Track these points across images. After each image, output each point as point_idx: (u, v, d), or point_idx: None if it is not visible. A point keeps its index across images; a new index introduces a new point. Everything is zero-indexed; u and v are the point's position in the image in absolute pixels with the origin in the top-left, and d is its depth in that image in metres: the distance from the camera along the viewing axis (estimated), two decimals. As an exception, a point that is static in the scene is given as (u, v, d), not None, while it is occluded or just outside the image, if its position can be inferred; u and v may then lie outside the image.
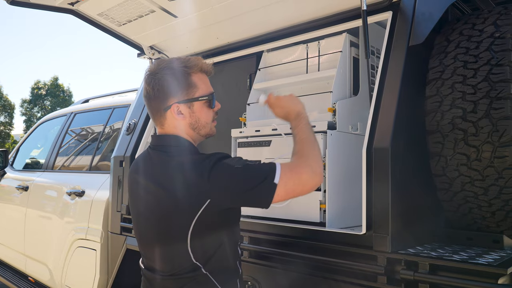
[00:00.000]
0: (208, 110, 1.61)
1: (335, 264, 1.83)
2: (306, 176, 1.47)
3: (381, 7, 1.96)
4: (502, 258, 1.59)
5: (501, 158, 1.65)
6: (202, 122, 1.60)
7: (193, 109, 1.57)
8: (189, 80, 1.56)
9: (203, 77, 1.61)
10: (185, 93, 1.55)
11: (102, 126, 4.02)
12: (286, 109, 1.73)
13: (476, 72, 1.71)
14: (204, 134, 1.64)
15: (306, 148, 1.56)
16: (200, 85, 1.58)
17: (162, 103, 1.55)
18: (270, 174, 1.44)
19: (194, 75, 1.57)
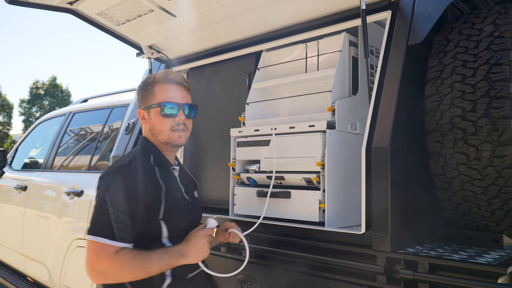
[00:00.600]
0: (161, 118, 1.69)
1: (334, 264, 1.83)
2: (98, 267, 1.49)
3: (380, 6, 1.96)
4: (502, 258, 1.59)
5: (501, 157, 1.65)
6: (157, 129, 1.71)
7: (150, 115, 1.72)
8: (150, 90, 1.72)
9: (165, 87, 1.72)
10: (146, 100, 1.73)
11: (101, 125, 4.01)
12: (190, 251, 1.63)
13: (475, 71, 1.71)
14: (161, 140, 1.72)
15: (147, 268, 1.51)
16: (159, 94, 1.71)
17: (137, 108, 1.79)
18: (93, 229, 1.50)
19: (156, 85, 1.72)
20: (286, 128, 2.13)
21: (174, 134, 1.70)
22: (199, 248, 1.60)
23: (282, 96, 2.38)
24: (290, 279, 2.00)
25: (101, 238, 1.46)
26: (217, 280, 2.38)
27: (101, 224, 1.49)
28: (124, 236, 1.49)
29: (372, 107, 1.83)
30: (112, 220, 1.48)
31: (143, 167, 1.61)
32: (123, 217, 1.49)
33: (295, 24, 2.28)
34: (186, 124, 1.73)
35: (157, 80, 1.72)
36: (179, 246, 1.59)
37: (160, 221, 1.59)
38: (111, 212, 1.48)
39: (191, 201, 1.78)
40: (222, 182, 2.49)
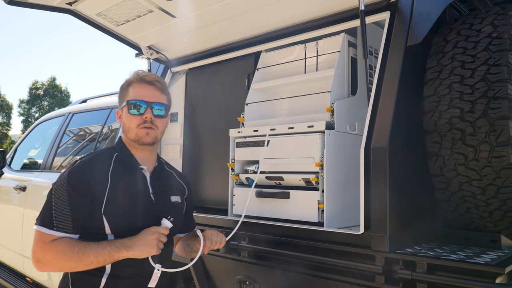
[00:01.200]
0: (129, 116, 1.71)
1: (333, 264, 1.83)
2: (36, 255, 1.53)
3: (379, 7, 1.97)
4: (500, 258, 1.60)
5: (499, 157, 1.65)
6: (126, 126, 1.74)
7: (123, 113, 1.75)
8: (125, 90, 1.76)
9: (138, 87, 1.74)
10: (120, 100, 1.77)
11: (100, 126, 4.01)
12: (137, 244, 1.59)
13: (473, 72, 1.71)
14: (130, 138, 1.73)
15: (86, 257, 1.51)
16: (131, 93, 1.73)
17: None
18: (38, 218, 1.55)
19: (131, 85, 1.75)
20: (285, 129, 2.13)
21: (141, 131, 1.70)
22: (145, 242, 1.56)
23: (281, 97, 2.39)
24: (289, 279, 2.00)
25: (41, 227, 1.52)
26: (215, 280, 2.38)
27: (44, 215, 1.54)
28: (62, 226, 1.52)
29: (371, 108, 1.83)
30: (53, 211, 1.53)
31: (95, 162, 1.65)
32: (63, 208, 1.53)
33: (294, 25, 2.28)
34: (154, 123, 1.71)
35: (131, 80, 1.76)
36: (125, 239, 1.57)
37: (102, 216, 1.58)
38: (53, 203, 1.54)
39: (156, 203, 1.70)
40: (221, 183, 2.49)
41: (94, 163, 1.65)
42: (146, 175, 1.73)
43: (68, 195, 1.54)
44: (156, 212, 1.68)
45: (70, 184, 1.56)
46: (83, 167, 1.62)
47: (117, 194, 1.61)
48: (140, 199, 1.68)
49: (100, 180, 1.60)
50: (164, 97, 1.77)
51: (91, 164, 1.65)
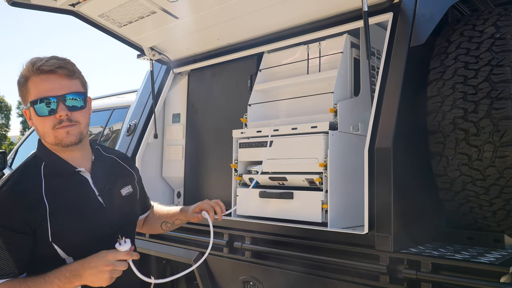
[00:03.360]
0: (40, 118, 1.41)
1: (337, 264, 1.84)
2: None
3: (381, 8, 1.98)
4: (504, 257, 1.61)
5: (502, 157, 1.66)
6: (40, 131, 1.44)
7: (31, 116, 1.43)
8: (25, 86, 1.42)
9: (39, 81, 1.41)
10: (25, 99, 1.44)
11: (102, 127, 4.01)
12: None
13: (477, 73, 1.72)
14: (49, 142, 1.44)
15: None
16: (32, 90, 1.40)
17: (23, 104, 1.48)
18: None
19: (30, 80, 1.41)
20: (289, 129, 2.14)
21: (60, 132, 1.41)
22: (97, 273, 1.31)
23: (284, 98, 2.39)
24: (292, 280, 2.01)
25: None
26: (218, 281, 2.39)
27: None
28: (5, 272, 1.31)
29: (375, 108, 1.84)
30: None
31: (21, 186, 1.36)
32: (0, 253, 1.30)
33: (297, 26, 2.29)
34: (73, 118, 1.42)
35: (27, 74, 1.40)
36: (75, 264, 1.34)
37: (52, 244, 1.35)
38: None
39: (106, 205, 1.48)
40: (224, 183, 2.49)
41: (19, 188, 1.35)
42: (86, 176, 1.48)
43: (1, 237, 1.29)
44: (109, 216, 1.48)
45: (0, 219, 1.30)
46: (7, 199, 1.33)
47: (61, 215, 1.37)
48: (89, 208, 1.45)
49: (35, 206, 1.34)
50: (75, 83, 1.45)
51: (16, 190, 1.35)
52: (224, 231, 2.27)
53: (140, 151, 2.89)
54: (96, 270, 1.31)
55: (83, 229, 1.41)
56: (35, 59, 1.42)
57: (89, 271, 1.31)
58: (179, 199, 3.02)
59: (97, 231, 1.44)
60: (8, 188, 1.34)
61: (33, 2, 2.40)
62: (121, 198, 1.57)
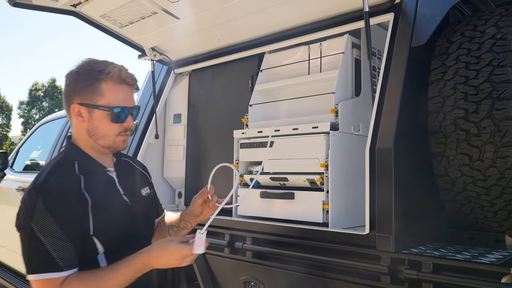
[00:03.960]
0: (110, 123, 1.48)
1: (338, 264, 1.84)
2: None
3: (383, 8, 1.98)
4: (505, 258, 1.61)
5: (503, 158, 1.66)
6: (101, 132, 1.48)
7: (92, 115, 1.47)
8: (96, 85, 1.46)
9: (116, 88, 1.48)
10: (88, 96, 1.46)
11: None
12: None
13: (478, 73, 1.72)
14: (103, 145, 1.51)
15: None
16: (107, 94, 1.46)
17: (67, 101, 1.51)
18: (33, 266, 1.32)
19: (104, 82, 1.46)
20: (290, 130, 2.14)
21: (119, 139, 1.51)
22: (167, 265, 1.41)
23: (285, 98, 2.40)
24: (293, 280, 2.01)
25: (46, 274, 1.30)
26: (220, 281, 2.39)
27: (39, 259, 1.31)
28: (69, 263, 1.33)
29: (376, 109, 1.84)
30: (50, 251, 1.30)
31: (63, 180, 1.40)
32: (61, 243, 1.31)
33: (298, 26, 2.29)
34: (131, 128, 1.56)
35: (108, 77, 1.46)
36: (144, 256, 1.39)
37: (92, 238, 1.39)
38: (45, 242, 1.30)
39: (132, 204, 1.55)
40: (225, 184, 2.49)
41: (65, 181, 1.40)
42: (113, 176, 1.56)
43: (59, 226, 1.31)
44: (134, 215, 1.55)
45: (54, 213, 1.32)
46: (56, 189, 1.36)
47: (100, 209, 1.42)
48: (119, 206, 1.52)
49: (79, 199, 1.39)
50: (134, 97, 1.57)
51: (62, 183, 1.39)
52: (225, 231, 2.27)
53: (141, 151, 2.89)
54: (168, 263, 1.41)
55: (118, 225, 1.49)
56: (113, 65, 1.49)
57: (161, 264, 1.40)
58: (180, 199, 3.02)
59: (128, 228, 1.52)
60: (54, 182, 1.38)
61: (35, 2, 2.40)
62: (142, 198, 1.65)
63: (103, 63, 1.50)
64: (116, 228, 1.48)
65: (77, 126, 1.51)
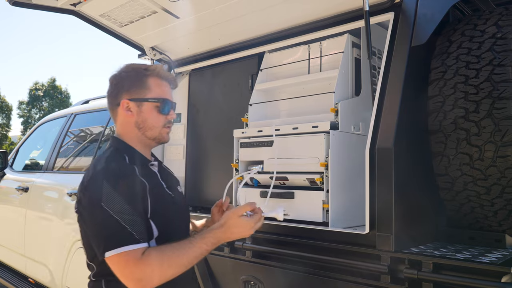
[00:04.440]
0: (157, 115, 1.63)
1: (338, 264, 1.84)
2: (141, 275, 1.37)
3: (383, 8, 1.98)
4: (505, 257, 1.61)
5: (504, 157, 1.66)
6: (149, 124, 1.62)
7: (141, 108, 1.61)
8: (143, 81, 1.61)
9: (160, 83, 1.64)
10: (136, 91, 1.61)
11: (103, 127, 4.02)
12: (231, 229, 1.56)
13: (478, 72, 1.72)
14: (150, 136, 1.64)
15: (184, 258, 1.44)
16: (154, 88, 1.62)
17: (115, 99, 1.63)
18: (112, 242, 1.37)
19: (150, 78, 1.62)
20: (290, 129, 2.14)
21: (164, 131, 1.66)
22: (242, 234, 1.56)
23: (285, 97, 2.40)
24: (293, 279, 2.01)
25: (125, 247, 1.36)
26: (219, 280, 2.39)
27: (115, 234, 1.37)
28: (143, 236, 1.41)
29: (376, 108, 1.84)
30: (125, 225, 1.37)
31: (122, 165, 1.52)
32: (132, 218, 1.39)
33: (298, 26, 2.29)
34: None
35: (153, 73, 1.63)
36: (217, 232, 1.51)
37: (150, 221, 1.49)
38: (118, 218, 1.38)
39: (174, 196, 1.67)
40: (225, 183, 2.49)
41: (124, 166, 1.51)
42: (155, 170, 1.67)
43: (128, 203, 1.40)
44: (179, 206, 1.68)
45: (121, 192, 1.41)
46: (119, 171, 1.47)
47: (155, 196, 1.53)
48: (168, 196, 1.64)
49: (140, 182, 1.50)
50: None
51: (122, 167, 1.50)
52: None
53: (141, 150, 2.89)
54: (241, 235, 1.57)
55: (169, 212, 1.59)
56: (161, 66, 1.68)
57: (235, 236, 1.55)
58: (180, 199, 3.02)
59: (175, 217, 1.64)
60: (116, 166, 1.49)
61: (35, 2, 2.41)
62: (180, 194, 1.77)
63: (144, 64, 1.67)
64: (168, 215, 1.58)
65: (124, 121, 1.63)
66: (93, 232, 1.45)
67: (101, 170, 1.47)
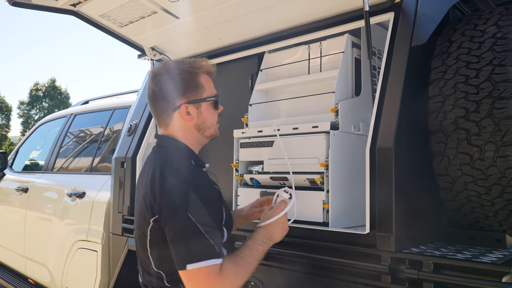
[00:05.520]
0: (214, 112, 1.63)
1: (339, 264, 1.84)
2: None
3: (383, 8, 1.97)
4: (506, 257, 1.61)
5: (504, 157, 1.66)
6: (208, 123, 1.61)
7: (200, 110, 1.58)
8: (197, 81, 1.58)
9: (208, 79, 1.63)
10: (194, 93, 1.56)
11: (102, 127, 4.02)
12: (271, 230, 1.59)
13: (478, 72, 1.72)
14: (208, 135, 1.65)
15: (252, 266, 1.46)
16: (207, 86, 1.60)
17: (169, 104, 1.56)
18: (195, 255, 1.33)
19: (201, 76, 1.59)
20: (290, 129, 2.14)
21: (217, 126, 1.67)
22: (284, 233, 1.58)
23: (285, 97, 2.39)
24: (294, 280, 2.01)
25: (208, 261, 1.33)
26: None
27: (200, 247, 1.33)
28: (221, 249, 1.39)
29: (376, 108, 1.84)
30: (208, 238, 1.34)
31: (201, 173, 1.49)
32: (214, 230, 1.37)
33: (297, 26, 2.29)
34: None
35: (203, 70, 1.59)
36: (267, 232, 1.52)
37: (223, 227, 1.47)
38: (202, 230, 1.33)
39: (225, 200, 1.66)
40: (225, 183, 2.49)
41: (203, 174, 1.49)
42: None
43: (211, 215, 1.38)
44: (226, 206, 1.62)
45: (207, 204, 1.37)
46: (203, 181, 1.45)
47: (223, 201, 1.53)
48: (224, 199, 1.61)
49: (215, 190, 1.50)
50: None
51: (202, 175, 1.49)
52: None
53: (141, 151, 2.89)
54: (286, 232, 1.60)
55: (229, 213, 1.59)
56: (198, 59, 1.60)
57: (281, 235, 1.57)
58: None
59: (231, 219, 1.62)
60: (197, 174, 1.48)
61: (34, 2, 2.40)
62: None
63: (188, 61, 1.61)
64: (230, 218, 1.58)
65: (183, 125, 1.58)
66: (175, 241, 1.37)
67: (181, 177, 1.42)
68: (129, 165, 2.89)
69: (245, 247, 1.48)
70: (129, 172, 2.89)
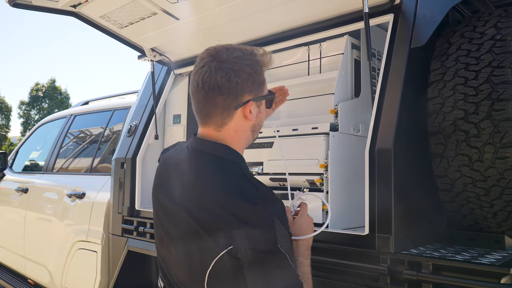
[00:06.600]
0: (268, 111, 1.42)
1: (338, 265, 1.84)
2: None
3: (382, 9, 1.98)
4: (504, 258, 1.61)
5: (503, 159, 1.66)
6: (261, 124, 1.39)
7: (260, 108, 1.34)
8: (263, 74, 1.31)
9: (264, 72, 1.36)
10: (259, 89, 1.30)
11: (102, 128, 4.02)
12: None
13: (477, 74, 1.72)
14: (255, 138, 1.42)
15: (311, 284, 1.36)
16: (266, 81, 1.36)
17: (234, 100, 1.26)
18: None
19: (262, 69, 1.32)
20: (289, 130, 2.14)
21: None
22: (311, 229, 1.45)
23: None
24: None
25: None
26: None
27: (293, 280, 1.20)
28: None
29: (375, 110, 1.84)
30: (294, 268, 1.22)
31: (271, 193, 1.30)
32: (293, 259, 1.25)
33: (297, 27, 2.29)
34: None
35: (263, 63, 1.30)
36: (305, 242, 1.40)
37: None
38: (290, 261, 1.20)
39: None
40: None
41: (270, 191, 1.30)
42: None
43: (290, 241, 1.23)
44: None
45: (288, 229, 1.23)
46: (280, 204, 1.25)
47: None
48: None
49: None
50: None
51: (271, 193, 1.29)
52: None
53: (140, 152, 2.89)
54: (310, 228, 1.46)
55: None
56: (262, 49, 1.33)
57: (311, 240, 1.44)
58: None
59: None
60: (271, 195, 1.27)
61: (35, 3, 2.41)
62: None
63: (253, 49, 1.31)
64: None
65: (241, 126, 1.31)
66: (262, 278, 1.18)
67: (268, 203, 1.22)
68: (129, 166, 2.90)
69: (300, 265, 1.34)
70: (129, 173, 2.90)
